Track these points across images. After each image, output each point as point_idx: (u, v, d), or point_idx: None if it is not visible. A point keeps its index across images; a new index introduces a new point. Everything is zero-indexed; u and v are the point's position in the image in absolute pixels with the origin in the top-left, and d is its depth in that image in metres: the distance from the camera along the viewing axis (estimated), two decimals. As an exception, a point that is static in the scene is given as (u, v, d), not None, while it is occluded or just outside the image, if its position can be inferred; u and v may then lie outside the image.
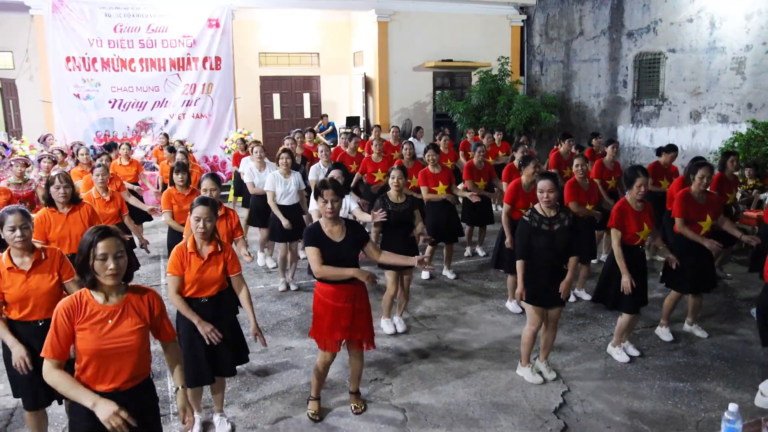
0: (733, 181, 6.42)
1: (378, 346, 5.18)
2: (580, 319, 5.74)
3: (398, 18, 14.46)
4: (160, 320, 2.68)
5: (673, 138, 11.38)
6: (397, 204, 5.21)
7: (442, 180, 6.58)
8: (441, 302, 6.30)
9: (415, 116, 14.83)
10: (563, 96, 14.85)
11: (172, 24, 12.86)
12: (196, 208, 3.61)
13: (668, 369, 4.69)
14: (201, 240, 3.64)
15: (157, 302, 2.65)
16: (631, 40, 12.70)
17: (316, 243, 3.73)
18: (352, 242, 3.78)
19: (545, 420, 3.99)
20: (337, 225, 3.79)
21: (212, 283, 3.64)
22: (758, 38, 10.03)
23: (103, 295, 2.53)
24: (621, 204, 4.67)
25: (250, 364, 4.86)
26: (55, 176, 4.64)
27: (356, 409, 4.13)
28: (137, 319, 2.54)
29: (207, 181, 4.84)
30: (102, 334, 2.46)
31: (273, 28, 15.77)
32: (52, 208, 4.59)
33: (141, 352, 2.56)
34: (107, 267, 2.44)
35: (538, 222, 4.16)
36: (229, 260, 3.70)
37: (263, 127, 16.15)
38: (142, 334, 2.55)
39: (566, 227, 4.20)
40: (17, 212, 3.31)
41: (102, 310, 2.49)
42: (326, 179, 3.88)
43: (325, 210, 3.73)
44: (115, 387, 2.51)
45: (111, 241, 2.46)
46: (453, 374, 4.66)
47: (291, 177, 6.49)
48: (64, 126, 12.50)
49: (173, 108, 13.19)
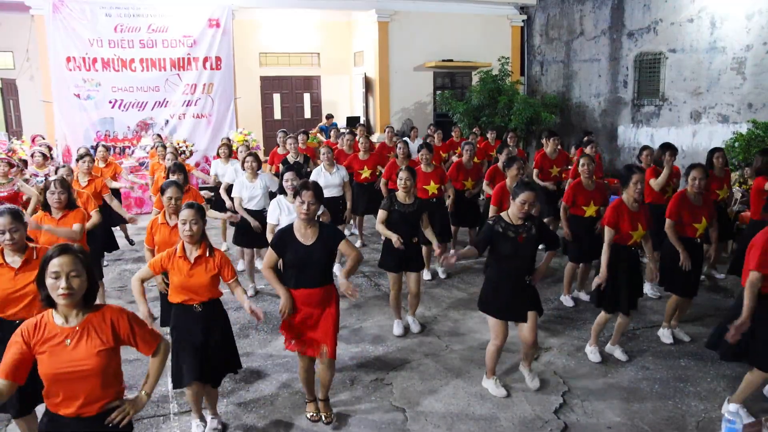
0: (723, 177, 6.44)
1: (378, 346, 5.19)
2: (580, 319, 5.74)
3: (399, 18, 14.46)
4: (131, 336, 2.51)
5: (673, 138, 11.37)
6: (405, 204, 5.20)
7: (434, 179, 6.58)
8: (441, 302, 6.30)
9: (416, 116, 14.83)
10: (564, 96, 14.84)
11: (172, 24, 12.87)
12: (182, 212, 3.60)
13: (668, 369, 4.68)
14: (189, 244, 3.62)
15: (123, 320, 2.48)
16: (632, 40, 12.69)
17: (281, 246, 3.72)
18: (323, 246, 3.71)
19: (545, 420, 3.99)
20: (311, 228, 3.73)
21: (202, 288, 3.58)
22: (759, 38, 10.03)
23: (62, 316, 2.39)
24: (617, 203, 4.65)
25: (250, 364, 4.88)
26: (52, 181, 4.65)
27: (326, 418, 3.99)
28: (97, 342, 2.39)
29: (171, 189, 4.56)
30: (59, 357, 2.34)
31: (273, 28, 15.78)
32: (46, 213, 4.63)
33: (105, 376, 2.41)
34: (59, 286, 2.30)
35: (503, 228, 4.02)
36: (221, 266, 3.64)
37: (263, 127, 16.16)
38: (103, 357, 2.39)
39: (532, 236, 4.03)
40: (6, 214, 3.27)
41: (60, 333, 2.37)
42: (308, 181, 3.82)
43: (300, 210, 3.67)
44: (78, 412, 2.41)
45: (66, 258, 2.31)
46: (453, 374, 4.66)
47: (257, 181, 6.34)
48: (65, 126, 12.51)
49: (173, 108, 13.20)
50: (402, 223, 5.15)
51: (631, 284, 4.66)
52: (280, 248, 3.73)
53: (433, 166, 6.68)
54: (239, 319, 5.90)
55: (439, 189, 6.62)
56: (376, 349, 5.14)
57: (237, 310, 6.11)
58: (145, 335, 2.58)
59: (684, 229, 4.96)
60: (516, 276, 4.07)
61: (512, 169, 5.73)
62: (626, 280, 4.62)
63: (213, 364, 3.68)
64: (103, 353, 2.40)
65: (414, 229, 5.25)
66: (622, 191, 4.67)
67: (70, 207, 4.69)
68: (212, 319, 3.68)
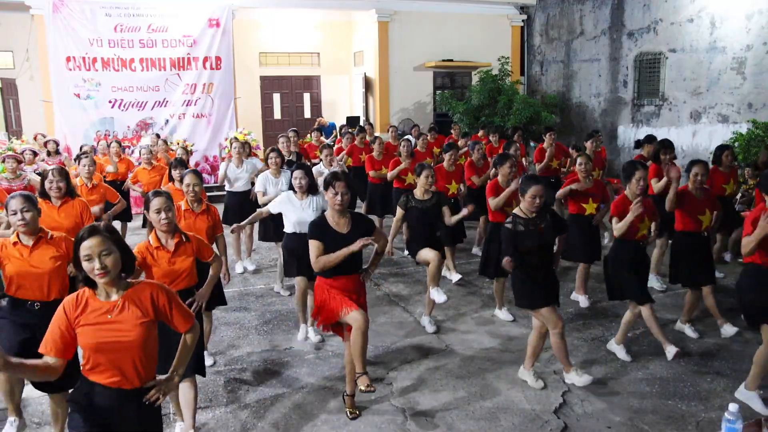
0: (730, 173, 6.51)
1: (378, 345, 5.20)
2: (581, 319, 5.74)
3: (399, 18, 14.46)
4: (168, 311, 2.60)
5: (673, 138, 11.32)
6: (422, 201, 5.27)
7: (456, 179, 6.72)
8: (442, 302, 6.29)
9: (416, 116, 14.82)
10: (563, 96, 14.85)
11: (172, 24, 12.85)
12: (153, 201, 3.61)
13: (668, 369, 4.68)
14: (164, 234, 3.62)
15: (162, 294, 2.59)
16: (632, 40, 12.70)
17: (321, 236, 3.76)
18: (358, 235, 3.77)
19: (545, 420, 3.99)
20: (344, 217, 3.83)
21: (183, 274, 3.63)
22: (759, 38, 10.03)
23: (104, 292, 2.50)
24: (621, 198, 4.74)
25: (250, 363, 4.88)
26: (50, 170, 4.76)
27: (368, 388, 3.77)
28: (138, 313, 2.49)
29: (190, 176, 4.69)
30: (101, 328, 2.44)
31: (273, 28, 15.78)
32: (46, 200, 4.69)
33: (145, 349, 2.51)
34: (93, 267, 2.40)
35: (523, 225, 4.15)
36: (198, 248, 3.70)
37: (263, 126, 16.16)
38: (144, 329, 2.49)
39: (549, 223, 4.24)
40: (19, 197, 3.48)
41: (102, 306, 2.47)
42: (338, 172, 3.91)
43: (334, 201, 3.76)
44: (119, 383, 2.48)
45: (94, 240, 2.41)
46: (453, 374, 4.66)
47: (281, 177, 6.33)
48: (65, 125, 12.49)
49: (173, 108, 13.18)
50: (422, 219, 5.23)
51: (638, 277, 4.72)
52: (321, 237, 3.76)
53: (454, 166, 6.75)
54: (239, 318, 5.90)
55: (458, 189, 6.65)
56: (376, 348, 5.14)
57: (238, 310, 6.12)
58: (182, 311, 2.68)
59: (690, 223, 5.04)
60: (545, 265, 4.25)
61: (504, 167, 5.75)
62: (634, 273, 4.68)
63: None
64: (145, 324, 2.49)
65: (434, 223, 5.32)
66: (625, 186, 4.75)
67: (69, 195, 4.77)
68: (190, 306, 3.64)
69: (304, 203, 5.01)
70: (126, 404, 2.52)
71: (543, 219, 4.20)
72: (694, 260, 5.07)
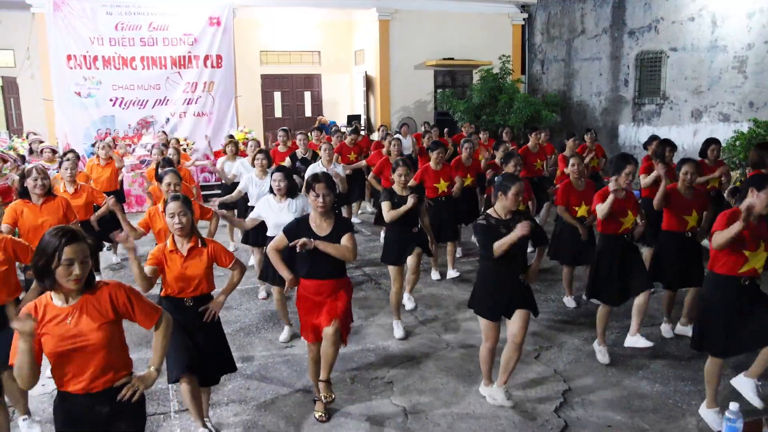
0: (714, 167, 6.49)
1: (379, 344, 5.20)
2: (581, 319, 5.74)
3: (399, 16, 14.45)
4: (129, 309, 2.56)
5: (674, 137, 11.33)
6: (402, 196, 5.25)
7: (443, 177, 6.61)
8: (442, 301, 6.30)
9: (417, 115, 14.83)
10: (564, 95, 14.84)
11: (173, 22, 12.86)
12: (168, 205, 3.60)
13: (669, 368, 4.68)
14: (180, 237, 3.60)
15: (121, 292, 2.55)
16: (633, 39, 12.68)
17: (295, 233, 3.72)
18: (337, 238, 3.74)
19: (545, 419, 3.99)
20: (327, 220, 3.79)
21: (195, 279, 3.57)
22: (760, 37, 10.02)
23: (62, 297, 2.46)
24: (605, 189, 4.66)
25: (250, 363, 4.88)
26: (32, 168, 4.73)
27: (326, 398, 3.92)
28: (97, 315, 2.46)
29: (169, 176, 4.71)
30: (62, 335, 2.41)
31: (274, 27, 15.77)
32: (26, 200, 4.68)
33: (109, 350, 2.49)
34: (72, 272, 2.37)
35: (495, 224, 3.91)
36: (215, 254, 3.64)
37: (264, 125, 16.17)
38: (106, 331, 2.46)
39: None
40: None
41: (60, 313, 2.44)
42: (318, 173, 3.84)
43: (316, 204, 3.72)
44: (87, 388, 2.48)
45: (78, 246, 2.38)
46: (453, 373, 4.66)
47: (267, 179, 6.15)
48: (65, 124, 12.51)
49: (174, 106, 13.20)
50: (404, 216, 5.21)
51: (625, 275, 4.63)
52: (292, 235, 3.72)
53: (442, 164, 6.70)
54: (240, 317, 5.91)
55: (448, 187, 6.62)
56: (377, 347, 5.14)
57: (238, 309, 6.12)
58: (144, 308, 2.63)
59: (675, 223, 4.93)
60: (511, 273, 3.96)
61: (509, 165, 5.72)
62: (618, 271, 4.61)
63: (203, 362, 3.61)
64: (105, 327, 2.47)
65: (413, 218, 5.32)
66: (612, 178, 4.57)
67: (50, 194, 4.77)
68: (203, 315, 3.64)
69: (282, 206, 4.90)
70: (97, 406, 2.52)
71: (516, 223, 3.81)
72: (677, 260, 4.94)
